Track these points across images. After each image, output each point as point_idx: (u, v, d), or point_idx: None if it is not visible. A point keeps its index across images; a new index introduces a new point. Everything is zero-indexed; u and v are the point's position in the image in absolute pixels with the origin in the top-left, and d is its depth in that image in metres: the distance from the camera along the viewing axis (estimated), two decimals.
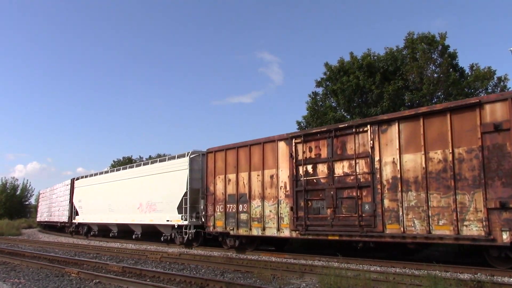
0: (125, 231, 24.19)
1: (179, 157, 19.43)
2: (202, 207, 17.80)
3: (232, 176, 16.17)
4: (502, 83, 20.56)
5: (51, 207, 36.99)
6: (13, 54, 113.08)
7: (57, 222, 34.01)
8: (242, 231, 15.50)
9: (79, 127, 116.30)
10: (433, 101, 19.95)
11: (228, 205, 16.19)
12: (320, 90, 24.42)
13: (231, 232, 15.90)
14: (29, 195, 65.27)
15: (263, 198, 14.83)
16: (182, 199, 18.29)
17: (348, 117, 22.26)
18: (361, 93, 22.30)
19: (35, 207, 56.09)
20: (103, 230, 26.51)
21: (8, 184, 61.89)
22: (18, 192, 63.16)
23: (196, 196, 18.24)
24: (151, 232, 21.44)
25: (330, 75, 23.54)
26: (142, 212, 21.31)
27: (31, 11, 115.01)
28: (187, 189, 18.12)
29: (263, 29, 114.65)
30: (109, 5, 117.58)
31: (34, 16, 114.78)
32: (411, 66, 20.87)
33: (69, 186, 31.00)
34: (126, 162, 47.36)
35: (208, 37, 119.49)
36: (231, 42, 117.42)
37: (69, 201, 30.47)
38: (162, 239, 19.99)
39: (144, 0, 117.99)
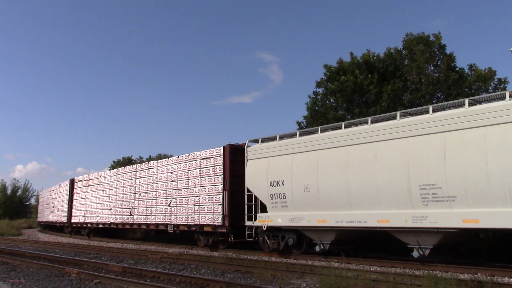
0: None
1: None
2: None
3: None
4: (502, 85, 20.56)
5: (125, 200, 22.58)
6: (13, 54, 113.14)
7: (165, 224, 19.26)
8: None
9: (78, 127, 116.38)
10: (433, 102, 19.95)
11: None
12: (320, 90, 24.46)
13: None
14: (29, 195, 65.55)
15: None
16: None
17: (349, 117, 22.28)
18: (361, 92, 22.34)
19: (36, 207, 56.09)
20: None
21: (7, 185, 62.13)
22: (19, 193, 63.35)
23: None
24: None
25: (330, 76, 23.60)
26: None
27: (31, 12, 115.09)
28: None
29: (263, 29, 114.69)
30: (109, 6, 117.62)
31: (34, 17, 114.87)
32: (410, 67, 20.90)
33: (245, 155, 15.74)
34: (126, 162, 47.22)
35: (208, 37, 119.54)
36: (231, 42, 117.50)
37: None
38: None
39: (144, 1, 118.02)
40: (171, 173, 19.38)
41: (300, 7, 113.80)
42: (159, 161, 20.90)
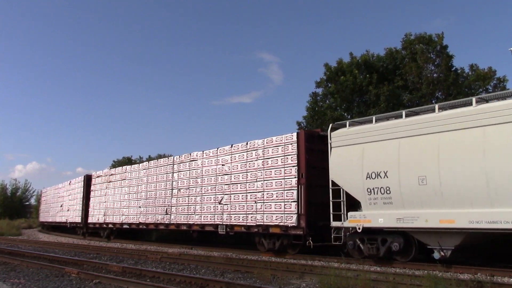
0: None
1: None
2: None
3: None
4: (501, 84, 20.62)
5: (159, 197, 20.30)
6: (13, 54, 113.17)
7: None
8: None
9: (78, 127, 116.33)
10: (433, 101, 20.00)
11: None
12: (320, 90, 24.54)
13: None
14: (29, 195, 65.86)
15: None
16: None
17: (349, 117, 22.30)
18: (360, 93, 22.39)
19: (36, 207, 56.18)
20: None
21: (8, 185, 62.36)
22: (18, 193, 63.59)
23: None
24: None
25: (330, 76, 23.66)
26: None
27: (31, 12, 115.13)
28: None
29: (263, 29, 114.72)
30: (109, 6, 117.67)
31: (34, 17, 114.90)
32: (410, 67, 20.94)
33: None
34: (126, 162, 47.34)
35: (208, 37, 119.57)
36: (231, 42, 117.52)
37: None
38: None
39: (144, 1, 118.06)
40: (222, 165, 16.74)
41: (300, 7, 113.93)
42: (204, 151, 18.05)
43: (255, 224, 14.98)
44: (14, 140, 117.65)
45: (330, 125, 13.52)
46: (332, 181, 12.88)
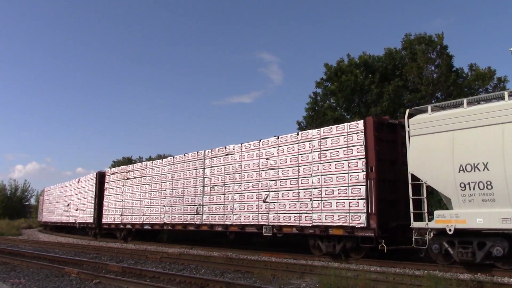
0: None
1: None
2: None
3: None
4: (502, 84, 20.66)
5: (187, 195, 18.69)
6: (13, 54, 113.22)
7: None
8: None
9: (79, 127, 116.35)
10: (433, 102, 20.04)
11: None
12: (320, 90, 24.60)
13: None
14: (29, 195, 65.96)
15: None
16: None
17: (349, 117, 22.34)
18: (361, 92, 22.43)
19: (36, 207, 56.20)
20: None
21: (7, 186, 62.44)
22: (18, 193, 63.67)
23: None
24: None
25: (330, 76, 23.72)
26: None
27: (31, 12, 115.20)
28: None
29: (263, 29, 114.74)
30: (109, 6, 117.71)
31: (34, 17, 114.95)
32: (411, 67, 20.97)
33: None
34: (126, 162, 47.35)
35: (208, 37, 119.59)
36: (231, 42, 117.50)
37: None
38: None
39: (144, 1, 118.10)
40: (267, 159, 15.06)
41: (300, 7, 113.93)
42: (243, 144, 16.26)
43: (310, 224, 13.20)
44: (14, 140, 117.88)
45: (407, 110, 11.65)
46: (411, 175, 11.14)
